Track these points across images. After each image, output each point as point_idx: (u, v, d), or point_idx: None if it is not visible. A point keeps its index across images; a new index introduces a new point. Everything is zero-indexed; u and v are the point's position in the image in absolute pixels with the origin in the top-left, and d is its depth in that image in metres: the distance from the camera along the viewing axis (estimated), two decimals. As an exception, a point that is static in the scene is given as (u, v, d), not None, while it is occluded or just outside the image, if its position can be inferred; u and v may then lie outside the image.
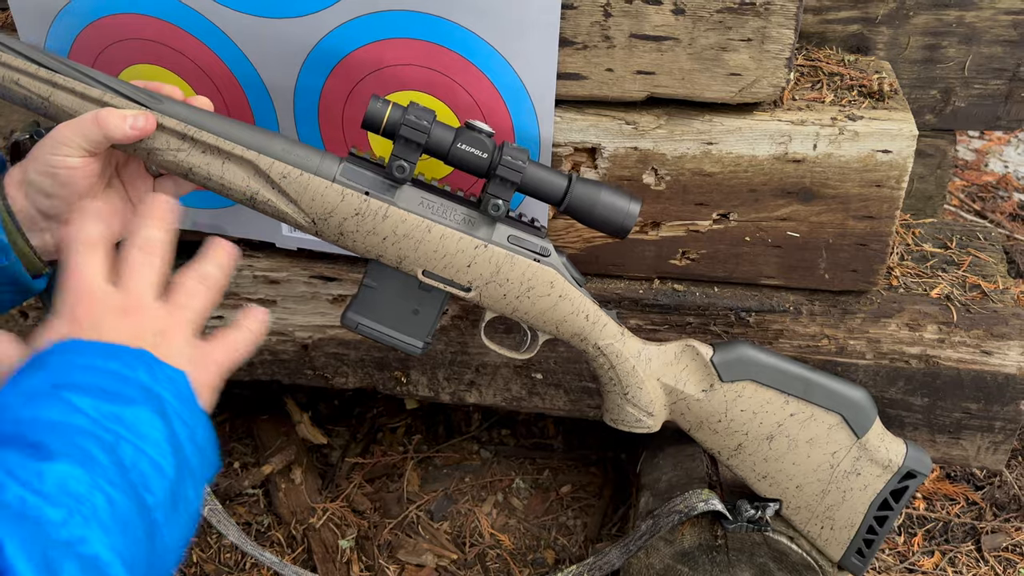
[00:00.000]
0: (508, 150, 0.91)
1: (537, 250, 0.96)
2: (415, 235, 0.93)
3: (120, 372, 0.61)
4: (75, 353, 0.62)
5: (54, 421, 0.57)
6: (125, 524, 0.55)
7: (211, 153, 0.88)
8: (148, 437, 0.59)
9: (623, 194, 0.94)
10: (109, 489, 0.55)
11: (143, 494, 0.57)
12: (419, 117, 0.88)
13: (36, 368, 0.60)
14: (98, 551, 0.53)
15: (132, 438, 0.58)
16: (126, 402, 0.59)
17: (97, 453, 0.56)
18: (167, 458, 0.59)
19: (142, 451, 0.58)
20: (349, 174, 0.91)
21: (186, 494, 0.61)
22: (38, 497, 0.52)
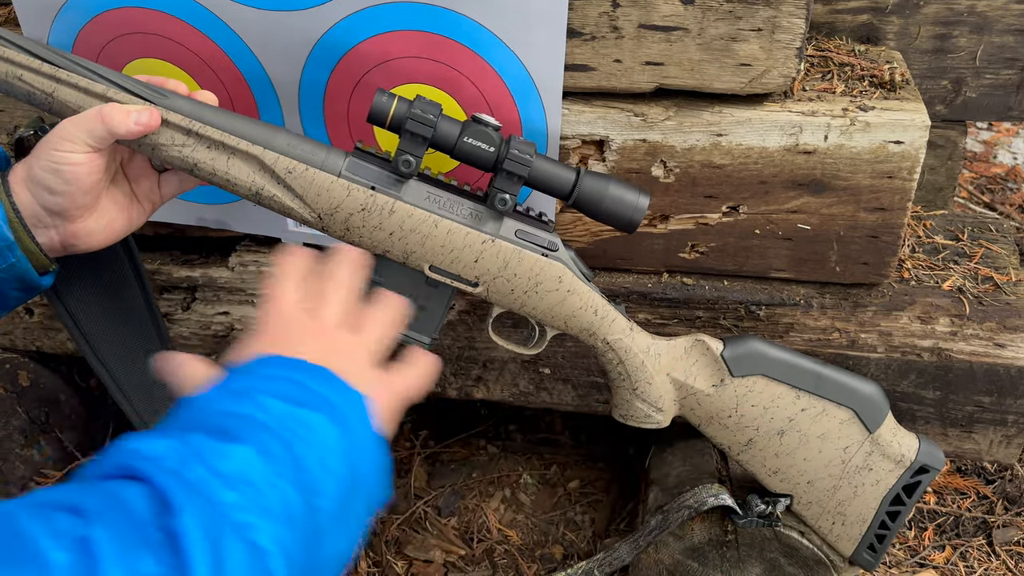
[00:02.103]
0: (515, 144, 0.90)
1: (545, 245, 0.95)
2: (422, 230, 0.92)
3: (305, 383, 0.65)
4: (270, 365, 0.67)
5: (243, 414, 0.61)
6: (292, 521, 0.57)
7: (216, 148, 0.87)
8: (326, 444, 0.62)
9: (632, 188, 0.93)
10: (283, 484, 0.58)
11: (314, 497, 0.59)
12: (425, 111, 0.87)
13: (239, 374, 0.66)
14: (264, 540, 0.55)
15: (310, 441, 0.61)
16: (309, 408, 0.63)
17: (276, 449, 0.59)
18: (341, 468, 0.62)
19: (318, 455, 0.61)
20: (355, 169, 0.90)
21: (356, 509, 0.64)
22: (218, 479, 0.56)
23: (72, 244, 0.87)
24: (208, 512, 0.54)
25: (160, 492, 0.54)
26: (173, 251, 1.26)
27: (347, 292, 0.76)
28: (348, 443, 0.63)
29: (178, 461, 0.56)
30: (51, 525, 0.51)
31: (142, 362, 1.06)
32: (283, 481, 0.58)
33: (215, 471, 0.56)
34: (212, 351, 1.29)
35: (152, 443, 0.57)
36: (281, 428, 0.61)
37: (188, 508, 0.53)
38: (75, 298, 1.00)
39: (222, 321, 1.26)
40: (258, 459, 0.58)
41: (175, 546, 0.52)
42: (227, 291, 1.24)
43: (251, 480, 0.57)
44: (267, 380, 0.65)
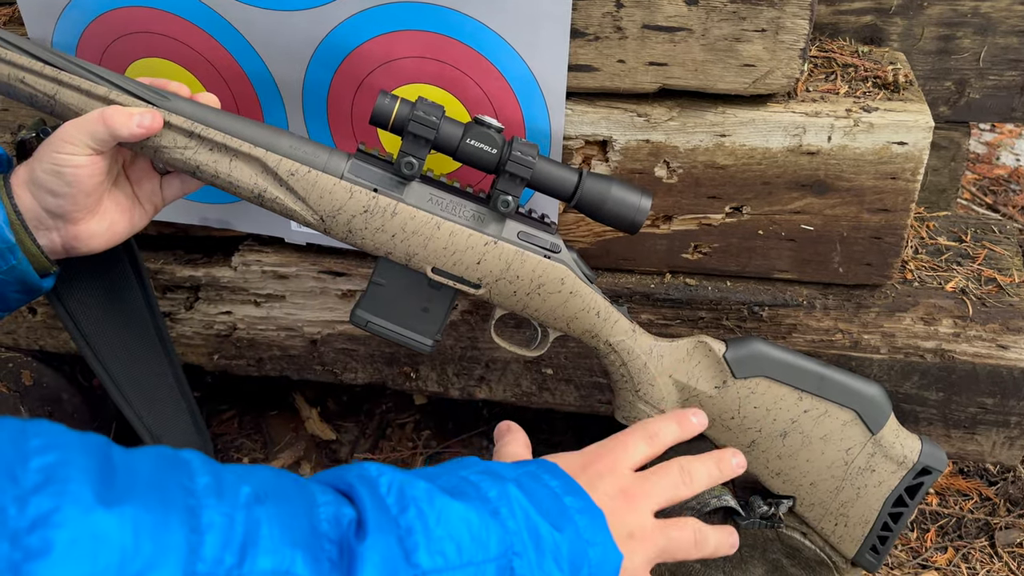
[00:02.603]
0: (518, 145, 0.90)
1: (547, 246, 0.95)
2: (424, 232, 0.92)
3: (568, 509, 0.62)
4: (549, 473, 0.66)
5: (485, 494, 0.59)
6: None
7: (218, 151, 0.87)
8: (547, 572, 0.58)
9: (634, 189, 0.93)
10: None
11: None
12: (427, 113, 0.87)
13: (515, 465, 0.66)
14: None
15: (533, 561, 0.58)
16: (554, 528, 0.59)
17: (493, 544, 0.56)
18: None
19: (536, 572, 0.57)
20: (357, 171, 0.90)
21: None
22: (424, 535, 0.53)
23: (74, 246, 0.87)
24: (396, 560, 0.52)
25: (362, 517, 0.53)
26: (176, 250, 1.26)
27: (682, 488, 0.75)
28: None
29: (397, 500, 0.54)
30: (221, 486, 0.50)
31: (143, 364, 1.06)
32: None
33: (426, 525, 0.54)
34: (214, 351, 1.29)
35: (383, 473, 0.56)
36: (511, 529, 0.58)
37: (379, 543, 0.51)
38: (76, 300, 1.00)
39: (225, 320, 1.26)
40: (469, 540, 0.55)
41: (348, 568, 0.50)
42: (230, 290, 1.24)
43: (449, 555, 0.54)
44: (533, 480, 0.63)
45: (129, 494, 0.47)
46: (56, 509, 0.44)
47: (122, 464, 0.49)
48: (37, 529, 0.43)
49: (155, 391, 1.06)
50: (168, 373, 1.07)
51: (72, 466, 0.47)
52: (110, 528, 0.45)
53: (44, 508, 0.44)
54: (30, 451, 0.47)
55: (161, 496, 0.48)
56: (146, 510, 0.47)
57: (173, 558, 0.46)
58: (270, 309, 1.24)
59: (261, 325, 1.26)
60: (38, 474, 0.46)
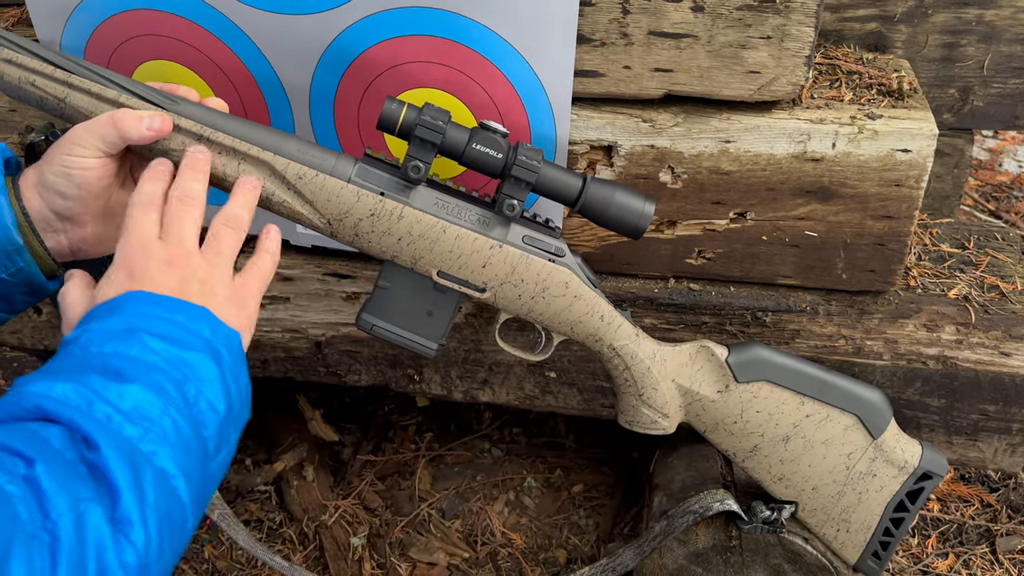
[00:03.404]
0: (523, 150, 0.90)
1: (552, 250, 0.96)
2: (430, 235, 0.92)
3: (186, 324, 0.72)
4: (147, 303, 0.72)
5: (132, 356, 0.68)
6: (187, 447, 0.67)
7: (227, 154, 0.88)
8: (207, 381, 0.70)
9: (638, 194, 0.93)
10: (176, 416, 0.67)
11: (200, 428, 0.68)
12: (434, 118, 0.88)
13: (112, 313, 0.71)
14: (167, 464, 0.64)
15: (195, 380, 0.69)
16: (191, 349, 0.70)
17: (167, 386, 0.67)
18: (220, 401, 0.70)
19: (202, 392, 0.69)
20: (364, 175, 0.91)
21: (229, 435, 0.72)
22: (120, 415, 0.64)
23: (81, 249, 0.88)
24: (120, 445, 0.62)
25: (78, 431, 0.62)
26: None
27: (197, 207, 0.80)
28: (224, 379, 0.71)
29: (85, 402, 0.64)
30: (2, 466, 0.59)
31: None
32: (177, 414, 0.67)
33: (117, 409, 0.64)
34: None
35: (56, 386, 0.65)
36: (171, 369, 0.68)
37: (104, 443, 0.62)
38: None
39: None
40: (153, 396, 0.66)
41: (103, 476, 0.61)
42: (235, 292, 1.24)
43: (148, 414, 0.65)
44: (149, 320, 0.71)
45: None
46: None
47: None
48: None
49: None
50: None
51: None
52: None
53: None
54: None
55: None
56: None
57: (18, 530, 0.56)
58: (275, 311, 1.25)
59: (266, 327, 1.26)
60: None
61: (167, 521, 0.64)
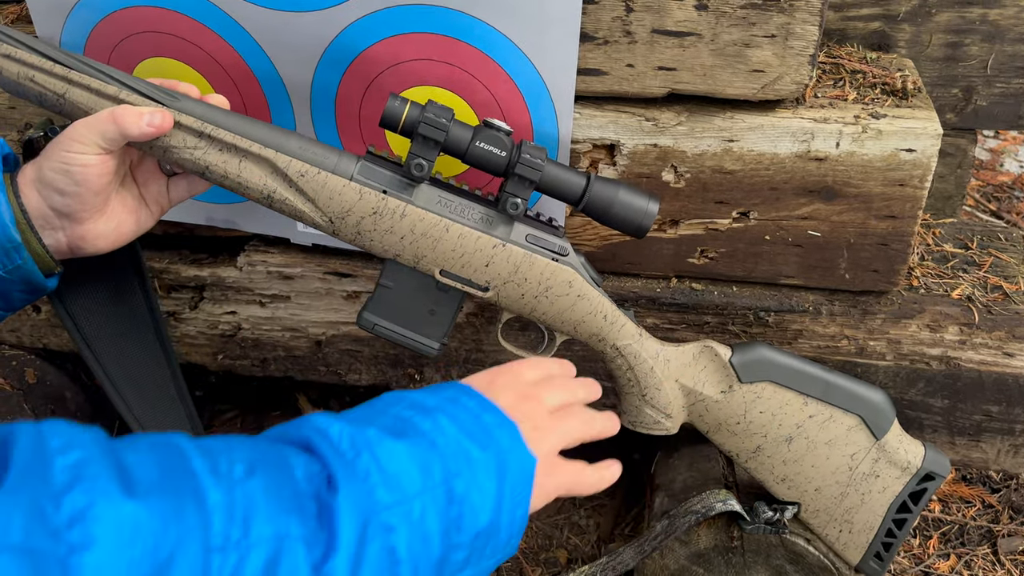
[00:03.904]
0: (526, 149, 0.90)
1: (555, 249, 0.95)
2: (433, 234, 0.92)
3: (488, 426, 0.69)
4: (466, 395, 0.72)
5: (421, 429, 0.66)
6: (427, 541, 0.61)
7: (228, 151, 0.87)
8: (480, 486, 0.65)
9: (642, 193, 0.93)
10: (430, 505, 0.62)
11: (452, 530, 0.63)
12: (437, 115, 0.87)
13: (434, 391, 0.72)
14: (402, 549, 0.59)
15: (468, 478, 0.65)
16: (481, 448, 0.67)
17: (435, 470, 0.63)
18: (486, 512, 0.65)
19: (470, 494, 0.64)
20: (367, 173, 0.90)
21: (480, 557, 0.66)
22: (380, 475, 0.60)
23: (79, 247, 0.87)
24: (362, 503, 0.58)
25: (328, 469, 0.59)
26: (182, 250, 1.25)
27: (570, 394, 0.81)
28: (501, 497, 0.66)
29: (353, 451, 0.61)
30: (216, 466, 0.55)
31: (142, 366, 1.06)
32: (432, 503, 0.62)
33: (380, 468, 0.60)
34: (219, 351, 1.29)
35: (335, 426, 0.63)
36: (450, 456, 0.64)
37: (348, 492, 0.58)
38: (77, 301, 1.00)
39: (229, 320, 1.26)
40: (418, 475, 0.62)
41: (328, 522, 0.56)
42: (235, 291, 1.24)
43: (406, 488, 0.61)
44: (458, 407, 0.70)
45: (147, 485, 0.52)
46: (91, 505, 0.48)
47: (128, 456, 0.54)
48: (76, 525, 0.47)
49: (153, 393, 1.06)
50: (167, 376, 1.07)
51: (95, 463, 0.51)
52: (140, 518, 0.50)
53: (79, 505, 0.48)
54: (52, 452, 0.50)
55: (172, 484, 0.53)
56: (164, 498, 0.52)
57: (194, 539, 0.51)
58: (275, 309, 1.24)
59: (266, 325, 1.26)
60: (66, 473, 0.50)
61: None
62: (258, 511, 0.54)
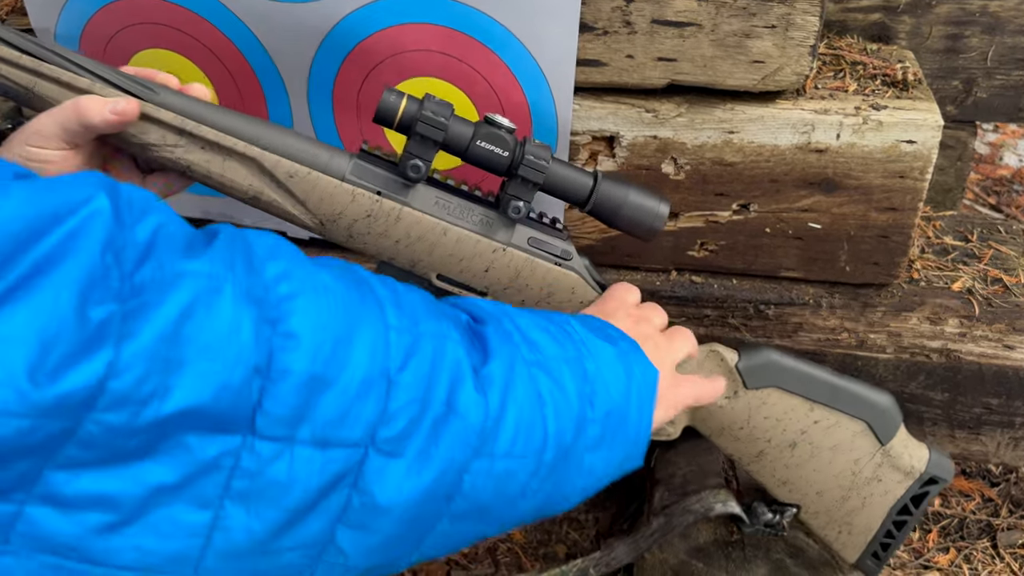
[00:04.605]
0: (531, 148, 0.85)
1: (559, 253, 0.91)
2: (429, 238, 0.88)
3: (614, 335, 0.76)
4: (590, 317, 0.80)
5: (553, 320, 0.75)
6: (567, 399, 0.67)
7: (211, 149, 0.82)
8: (612, 371, 0.72)
9: (652, 194, 0.89)
10: (567, 372, 0.68)
11: (587, 403, 0.68)
12: (436, 113, 0.83)
13: (569, 317, 0.78)
14: (543, 390, 0.66)
15: (600, 363, 0.71)
16: (609, 343, 0.74)
17: (570, 349, 0.70)
18: (618, 394, 0.71)
19: (601, 373, 0.70)
20: (360, 172, 0.85)
21: (612, 445, 0.71)
22: (521, 336, 0.68)
23: None
24: (508, 346, 0.66)
25: (478, 318, 0.69)
26: (178, 244, 1.25)
27: (666, 317, 0.90)
28: (629, 385, 0.72)
29: (494, 310, 0.70)
30: (382, 279, 0.65)
31: None
32: (568, 371, 0.68)
33: (521, 331, 0.68)
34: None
35: (485, 303, 0.72)
36: (579, 341, 0.71)
37: (494, 332, 0.66)
38: None
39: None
40: (554, 345, 0.69)
41: (481, 343, 0.65)
42: (232, 285, 1.23)
43: (544, 351, 0.68)
44: (583, 321, 0.77)
45: (333, 269, 0.62)
46: (290, 269, 0.57)
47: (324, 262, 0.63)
48: (282, 281, 0.56)
49: None
50: None
51: (289, 247, 0.61)
52: (331, 282, 0.59)
53: (281, 268, 0.57)
54: (251, 235, 0.60)
55: (352, 278, 0.63)
56: (348, 282, 0.61)
57: (374, 314, 0.60)
58: (272, 304, 1.24)
59: (263, 320, 1.25)
60: (265, 247, 0.59)
61: (524, 432, 0.64)
62: (421, 314, 0.62)
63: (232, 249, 0.56)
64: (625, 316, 0.84)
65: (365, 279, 0.63)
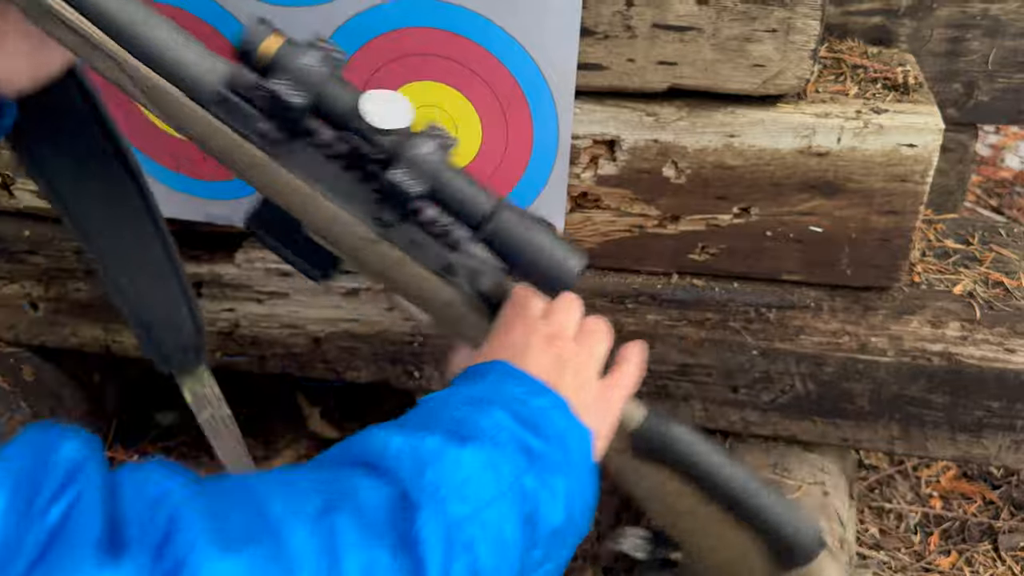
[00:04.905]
0: (419, 141, 0.70)
1: (439, 265, 0.76)
2: (300, 200, 0.73)
3: (539, 411, 0.65)
4: (511, 378, 0.68)
5: (480, 427, 0.61)
6: (506, 547, 0.57)
7: (79, 36, 0.69)
8: (551, 479, 0.61)
9: (566, 246, 0.74)
10: (506, 508, 0.58)
11: (529, 528, 0.59)
12: (303, 75, 0.69)
13: (476, 380, 0.68)
14: (484, 559, 0.55)
15: (537, 472, 0.61)
16: (542, 439, 0.63)
17: (505, 471, 0.60)
18: (559, 504, 0.61)
19: (542, 488, 0.61)
20: (228, 107, 0.70)
21: (559, 548, 0.62)
22: (449, 488, 0.56)
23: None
24: (441, 520, 0.54)
25: (398, 488, 0.55)
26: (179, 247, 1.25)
27: (580, 312, 0.77)
28: (569, 481, 0.63)
29: (413, 461, 0.57)
30: (295, 506, 0.51)
31: (125, 228, 0.95)
32: (507, 505, 0.58)
33: (448, 477, 0.57)
34: (216, 348, 1.29)
35: (394, 440, 0.58)
36: (513, 451, 0.61)
37: (426, 514, 0.54)
38: (48, 163, 0.88)
39: (227, 318, 1.25)
40: (489, 476, 0.58)
41: (412, 550, 0.52)
42: (232, 287, 1.23)
43: (479, 495, 0.57)
44: (504, 394, 0.66)
45: (238, 537, 0.49)
46: (184, 562, 0.46)
47: (217, 504, 0.51)
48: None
49: (131, 251, 0.96)
50: (153, 238, 0.97)
51: (185, 518, 0.48)
52: (235, 571, 0.47)
53: (178, 556, 0.46)
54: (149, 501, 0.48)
55: (257, 531, 0.50)
56: (254, 547, 0.48)
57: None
58: (273, 306, 1.24)
59: (264, 323, 1.25)
60: (161, 527, 0.47)
61: None
62: (346, 548, 0.51)
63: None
64: (537, 347, 0.71)
65: (269, 515, 0.51)
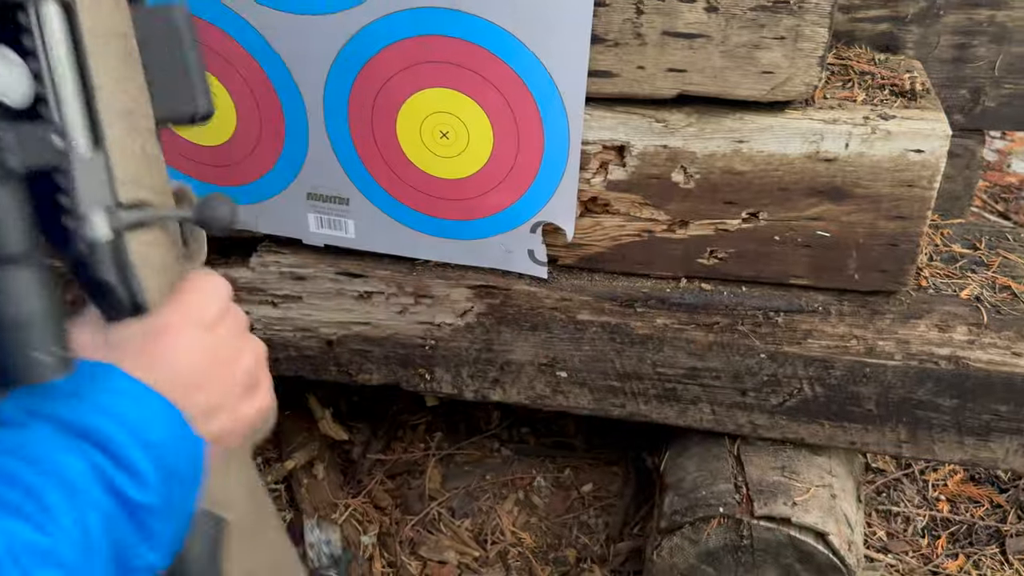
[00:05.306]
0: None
1: None
2: None
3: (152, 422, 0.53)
4: (116, 383, 0.54)
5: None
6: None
7: None
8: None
9: None
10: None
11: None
12: None
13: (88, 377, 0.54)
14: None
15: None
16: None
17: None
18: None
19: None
20: None
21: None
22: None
23: None
24: None
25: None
26: (194, 251, 1.26)
27: (241, 317, 0.63)
28: None
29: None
30: None
31: None
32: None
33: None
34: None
35: None
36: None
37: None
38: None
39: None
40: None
41: None
42: (247, 291, 1.25)
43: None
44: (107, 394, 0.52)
45: None
46: None
47: None
48: None
49: None
50: None
51: None
52: None
53: None
54: None
55: None
56: None
57: None
58: (287, 310, 1.25)
59: (278, 325, 1.27)
60: None
61: None
62: None
63: None
64: (202, 373, 0.57)
65: None
